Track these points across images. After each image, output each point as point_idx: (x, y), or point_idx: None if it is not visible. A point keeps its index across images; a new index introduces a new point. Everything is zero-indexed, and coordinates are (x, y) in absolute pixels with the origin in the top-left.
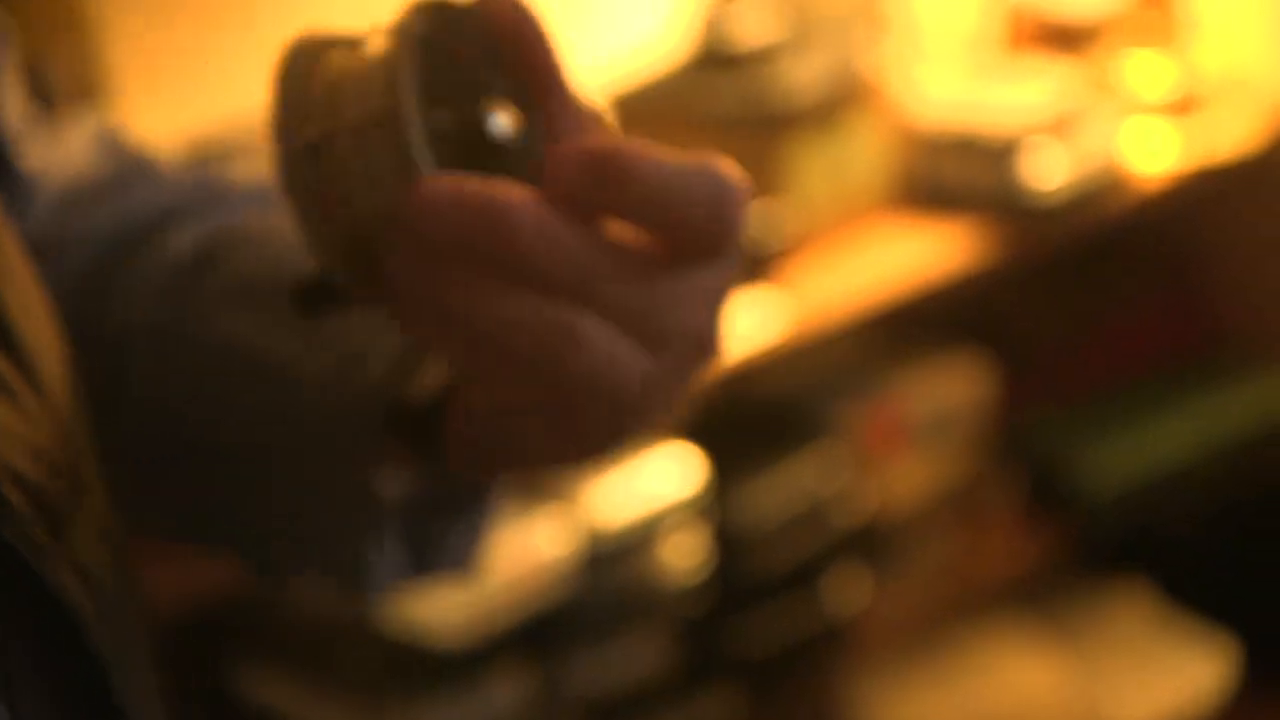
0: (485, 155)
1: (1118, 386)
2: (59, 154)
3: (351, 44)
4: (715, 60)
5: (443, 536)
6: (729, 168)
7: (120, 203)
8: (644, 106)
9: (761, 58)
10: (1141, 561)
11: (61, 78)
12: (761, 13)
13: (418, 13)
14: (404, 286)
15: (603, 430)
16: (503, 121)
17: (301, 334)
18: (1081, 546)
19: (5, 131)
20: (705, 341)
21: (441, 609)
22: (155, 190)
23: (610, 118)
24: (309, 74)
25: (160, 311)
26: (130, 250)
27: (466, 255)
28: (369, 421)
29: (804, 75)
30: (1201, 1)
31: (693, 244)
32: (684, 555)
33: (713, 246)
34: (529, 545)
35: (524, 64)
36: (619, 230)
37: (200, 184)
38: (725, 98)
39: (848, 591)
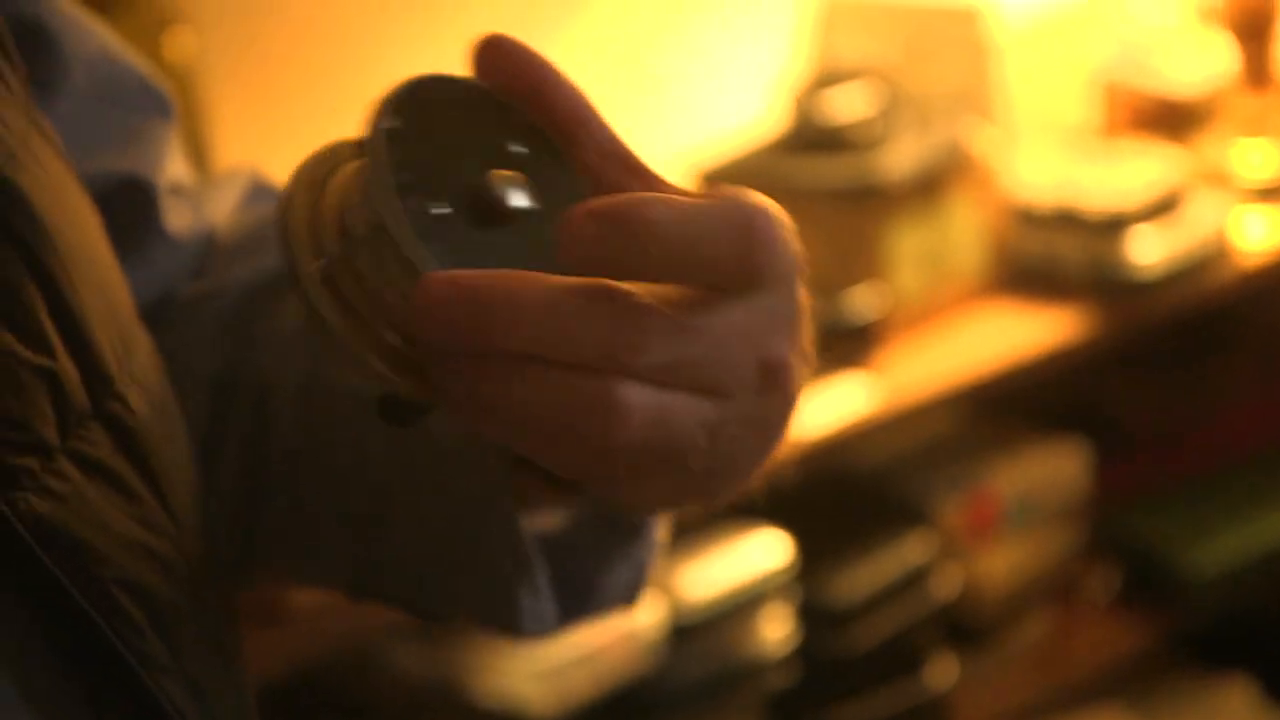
0: (512, 223)
1: (1217, 472)
2: (211, 210)
3: (351, 153)
4: (813, 138)
5: (598, 574)
6: (752, 195)
7: (259, 255)
8: (740, 181)
9: (859, 136)
10: (1240, 653)
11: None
12: (860, 92)
13: (386, 104)
14: (443, 387)
15: (696, 481)
16: (509, 186)
17: None
18: (1178, 636)
19: (159, 194)
20: (777, 373)
21: (531, 678)
22: None
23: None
24: (315, 202)
25: (295, 361)
26: (266, 301)
27: (482, 348)
28: (495, 454)
29: (902, 154)
30: None
31: (727, 281)
32: (771, 631)
33: (750, 280)
34: (616, 617)
35: (537, 110)
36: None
37: None
38: (823, 175)
39: (937, 674)
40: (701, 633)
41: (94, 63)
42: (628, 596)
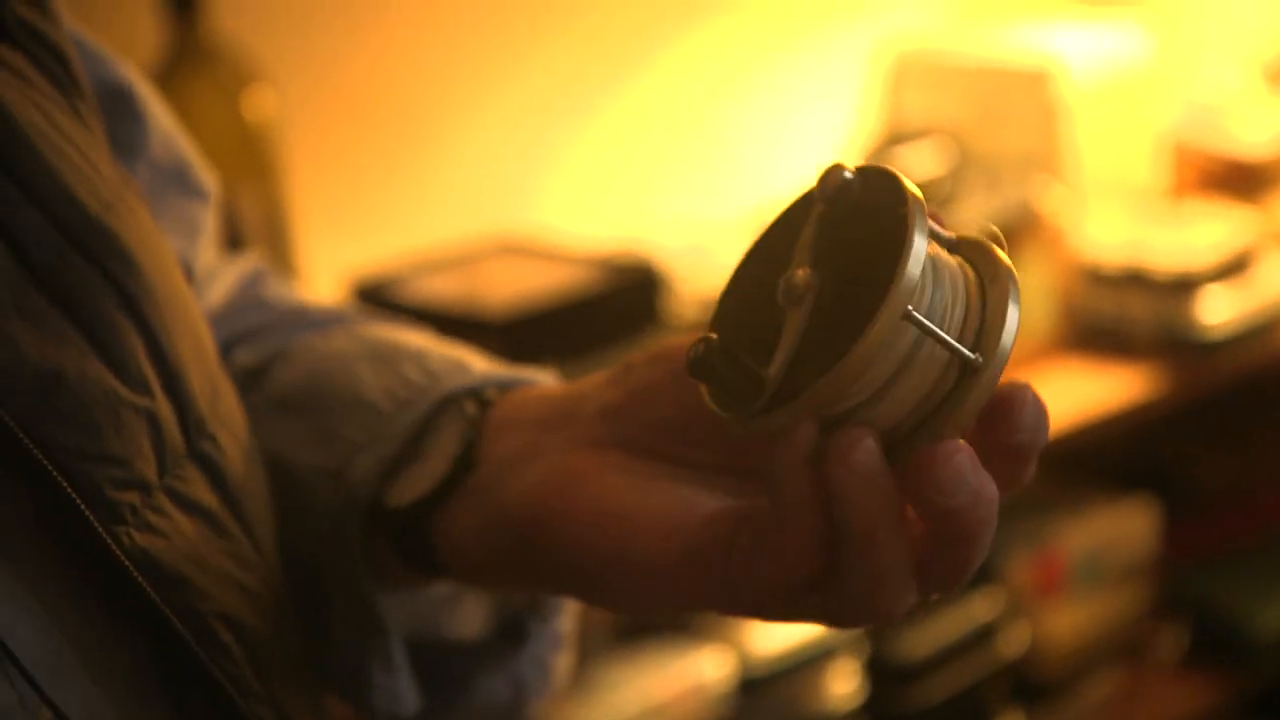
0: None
1: None
2: (208, 296)
3: (951, 242)
4: None
5: (470, 675)
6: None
7: (223, 328)
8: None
9: (928, 194)
10: None
11: (252, 217)
12: (929, 151)
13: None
14: (833, 465)
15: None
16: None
17: (316, 441)
18: (1246, 697)
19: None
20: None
21: None
22: (254, 315)
23: None
24: (926, 245)
25: None
26: None
27: (919, 509)
28: (349, 518)
29: (971, 213)
30: None
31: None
32: (838, 686)
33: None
34: (685, 670)
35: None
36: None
37: (291, 309)
38: None
39: None
40: (769, 686)
41: (167, 140)
42: (506, 709)
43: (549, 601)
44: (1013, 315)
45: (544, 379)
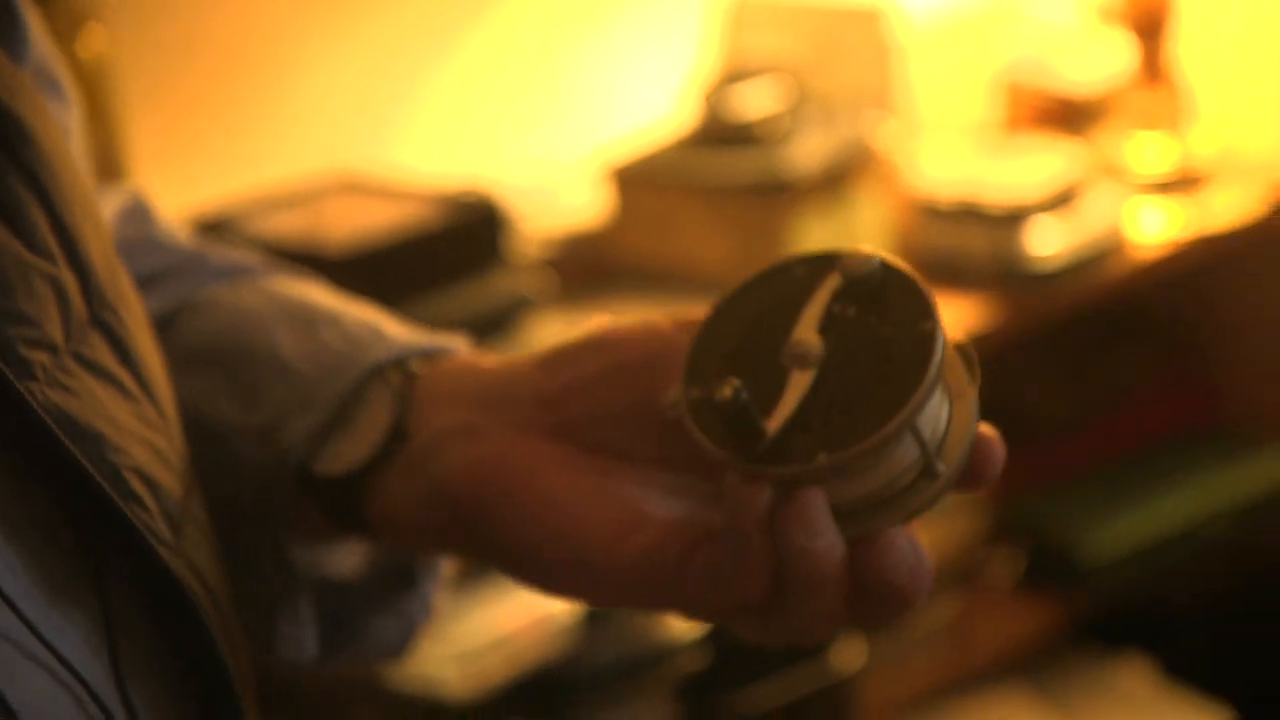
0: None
1: (1116, 459)
2: None
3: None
4: (721, 133)
5: (366, 619)
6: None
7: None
8: (650, 177)
9: (766, 131)
10: (1140, 636)
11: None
12: (767, 88)
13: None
14: (790, 526)
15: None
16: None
17: (236, 398)
18: (1080, 620)
19: None
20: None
21: (447, 661)
22: (152, 257)
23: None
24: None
25: None
26: None
27: (861, 589)
28: (278, 480)
29: (809, 149)
30: (1199, 80)
31: None
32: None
33: None
34: (531, 602)
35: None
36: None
37: (190, 254)
38: (731, 170)
39: (844, 657)
40: (614, 618)
41: (42, 45)
42: (395, 647)
43: None
44: (971, 433)
45: (461, 347)
